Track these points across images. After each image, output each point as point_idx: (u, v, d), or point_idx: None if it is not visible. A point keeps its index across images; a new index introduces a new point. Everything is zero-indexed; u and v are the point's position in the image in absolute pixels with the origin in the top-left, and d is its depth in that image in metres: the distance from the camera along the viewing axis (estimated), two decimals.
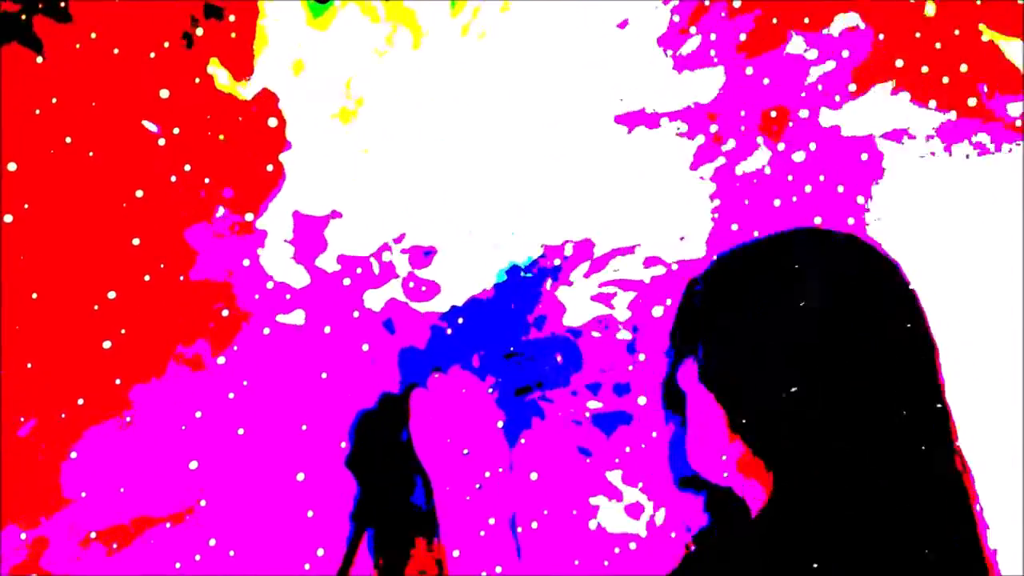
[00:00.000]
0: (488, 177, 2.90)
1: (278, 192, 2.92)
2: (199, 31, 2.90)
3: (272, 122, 2.91)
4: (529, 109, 2.88)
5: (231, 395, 2.84)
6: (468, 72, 2.86)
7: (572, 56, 2.87)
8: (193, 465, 2.83)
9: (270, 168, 2.91)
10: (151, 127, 2.51)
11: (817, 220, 2.77)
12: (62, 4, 2.84)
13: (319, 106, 2.90)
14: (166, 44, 2.89)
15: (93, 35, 2.87)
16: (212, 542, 2.84)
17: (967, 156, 2.84)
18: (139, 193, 2.86)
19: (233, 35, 2.92)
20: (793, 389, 1.20)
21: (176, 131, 2.88)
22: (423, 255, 2.90)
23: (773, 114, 2.90)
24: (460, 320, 2.90)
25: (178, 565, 2.84)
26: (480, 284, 2.91)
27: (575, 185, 2.90)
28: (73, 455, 2.79)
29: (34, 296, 2.81)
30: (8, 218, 2.81)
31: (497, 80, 2.87)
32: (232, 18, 2.91)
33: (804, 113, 2.91)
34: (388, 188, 2.91)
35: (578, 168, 2.89)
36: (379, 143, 2.93)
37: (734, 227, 2.82)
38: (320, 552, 2.83)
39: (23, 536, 2.75)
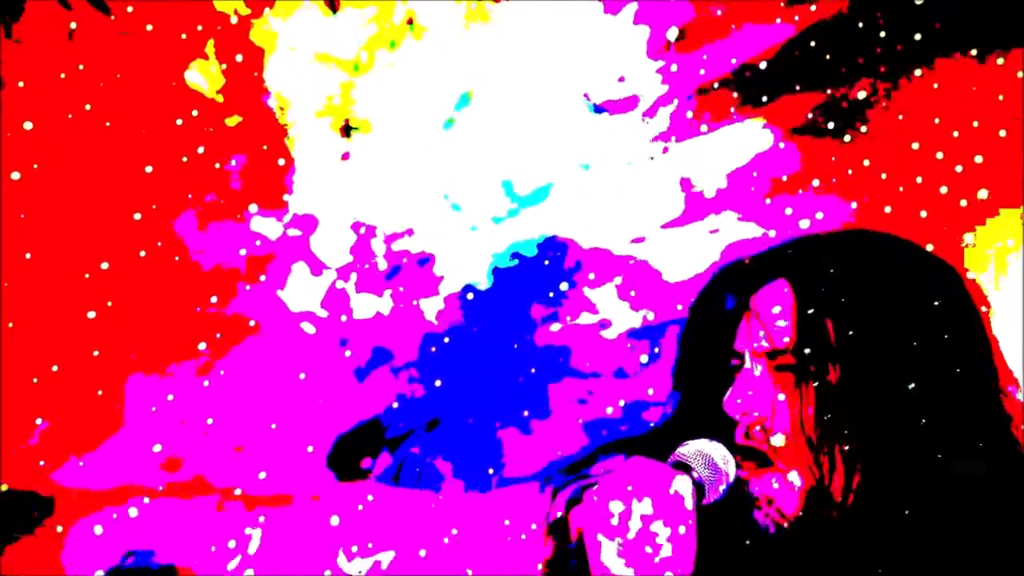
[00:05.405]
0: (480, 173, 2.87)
1: (277, 189, 2.90)
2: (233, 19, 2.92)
3: (280, 118, 2.91)
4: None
5: (206, 383, 2.78)
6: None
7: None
8: (157, 448, 2.76)
9: (276, 163, 2.89)
10: None
11: None
12: None
13: (316, 106, 2.90)
14: (199, 27, 2.91)
15: (130, 9, 2.89)
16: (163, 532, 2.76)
17: None
18: (148, 169, 2.85)
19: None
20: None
21: (195, 113, 2.88)
22: (417, 262, 2.85)
23: None
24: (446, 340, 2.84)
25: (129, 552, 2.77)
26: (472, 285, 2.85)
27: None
28: (38, 421, 2.74)
29: (28, 256, 2.79)
30: (15, 175, 2.81)
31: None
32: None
33: None
34: (384, 188, 2.88)
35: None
36: (373, 142, 2.91)
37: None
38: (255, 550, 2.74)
39: None
